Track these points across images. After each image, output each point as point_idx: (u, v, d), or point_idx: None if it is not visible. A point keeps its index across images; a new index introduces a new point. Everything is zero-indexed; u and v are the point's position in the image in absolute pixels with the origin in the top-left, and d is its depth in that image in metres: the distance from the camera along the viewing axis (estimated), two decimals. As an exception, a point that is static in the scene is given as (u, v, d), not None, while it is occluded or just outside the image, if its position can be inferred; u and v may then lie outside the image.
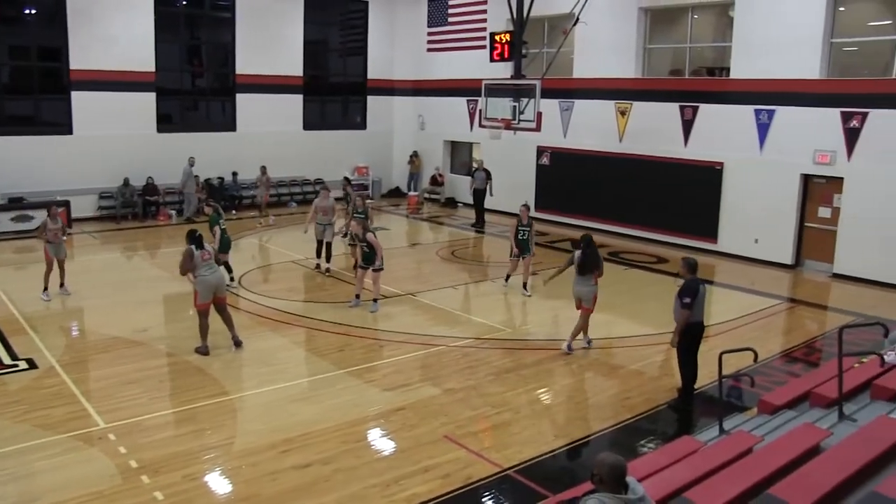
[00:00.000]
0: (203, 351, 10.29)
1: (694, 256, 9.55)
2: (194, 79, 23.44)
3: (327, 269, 14.97)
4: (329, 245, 14.95)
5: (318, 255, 15.12)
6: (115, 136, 20.44)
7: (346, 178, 21.11)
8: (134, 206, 20.72)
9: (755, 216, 16.84)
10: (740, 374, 9.02)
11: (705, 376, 9.29)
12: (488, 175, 21.01)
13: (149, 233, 19.48)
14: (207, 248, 10.35)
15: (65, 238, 13.20)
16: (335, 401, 8.92)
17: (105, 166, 20.35)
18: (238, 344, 10.56)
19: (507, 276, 14.24)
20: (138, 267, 16.31)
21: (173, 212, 21.21)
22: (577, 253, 10.74)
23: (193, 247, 10.11)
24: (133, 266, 16.34)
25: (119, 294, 13.52)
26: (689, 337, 9.04)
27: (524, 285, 13.93)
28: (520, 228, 13.74)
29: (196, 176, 21.03)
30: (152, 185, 20.89)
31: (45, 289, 12.87)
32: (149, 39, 20.81)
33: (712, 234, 17.73)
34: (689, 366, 9.14)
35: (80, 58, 19.70)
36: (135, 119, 20.77)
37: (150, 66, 20.90)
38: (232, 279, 13.80)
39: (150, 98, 21.06)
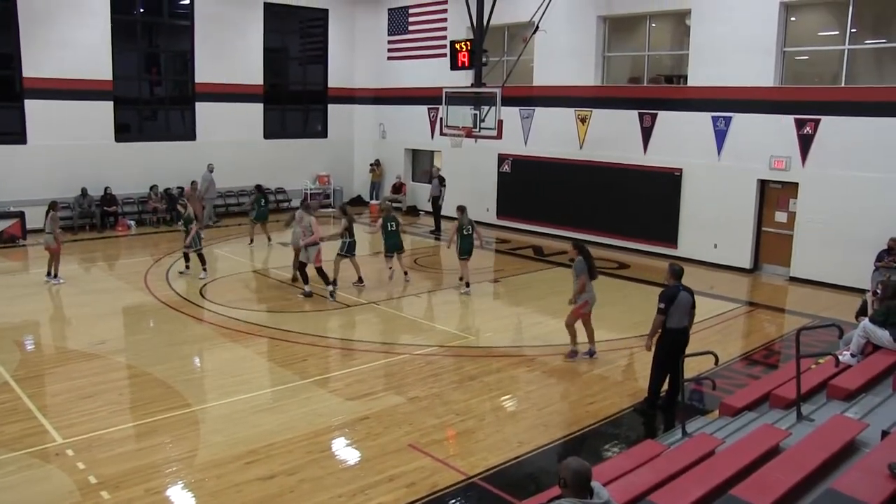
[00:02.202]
0: (305, 293, 13.71)
1: (679, 263, 9.45)
2: (153, 87, 23.10)
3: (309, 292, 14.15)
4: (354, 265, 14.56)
5: (328, 281, 14.10)
6: (71, 146, 20.08)
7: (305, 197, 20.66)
8: (91, 217, 20.38)
9: (714, 221, 17.10)
10: (702, 377, 9.15)
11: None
12: (441, 182, 21.02)
13: (107, 244, 19.14)
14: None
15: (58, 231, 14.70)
16: (299, 411, 8.85)
17: (61, 176, 19.94)
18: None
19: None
20: (96, 278, 16.00)
21: (132, 222, 20.90)
22: (580, 260, 10.55)
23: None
24: (91, 278, 16.02)
25: (76, 306, 13.29)
26: (664, 343, 8.89)
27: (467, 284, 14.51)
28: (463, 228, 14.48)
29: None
30: (110, 195, 20.55)
31: (48, 273, 14.65)
32: (105, 47, 20.50)
33: (672, 240, 17.96)
34: (659, 373, 8.99)
35: (34, 65, 19.33)
36: (92, 128, 20.43)
37: (107, 74, 20.59)
38: (205, 270, 15.11)
39: (107, 107, 20.73)
